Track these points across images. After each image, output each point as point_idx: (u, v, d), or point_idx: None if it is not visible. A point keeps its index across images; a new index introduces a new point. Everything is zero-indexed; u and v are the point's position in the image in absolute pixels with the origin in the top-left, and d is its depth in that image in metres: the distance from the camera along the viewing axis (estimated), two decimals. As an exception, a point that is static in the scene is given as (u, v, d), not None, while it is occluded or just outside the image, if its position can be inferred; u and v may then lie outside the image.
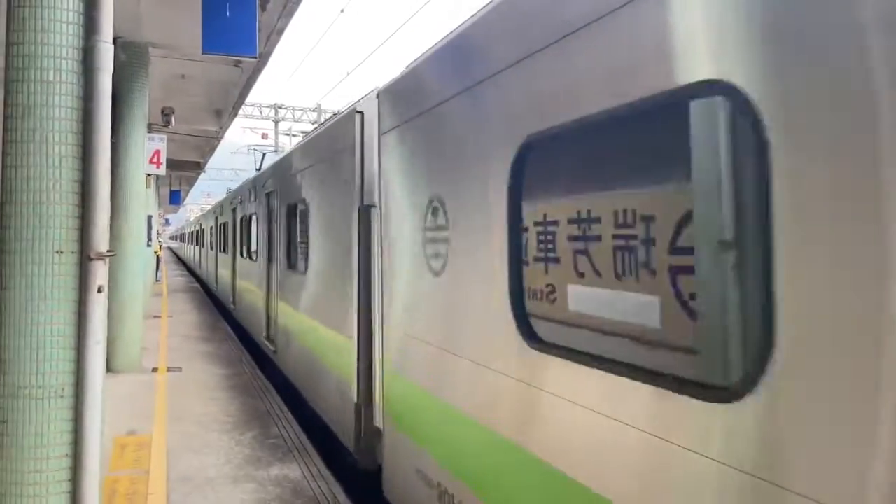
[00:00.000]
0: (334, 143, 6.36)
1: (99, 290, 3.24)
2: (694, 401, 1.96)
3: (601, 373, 2.40)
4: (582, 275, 2.64)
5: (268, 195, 10.31)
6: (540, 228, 2.89)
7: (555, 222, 2.80)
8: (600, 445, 2.41)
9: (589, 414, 2.47)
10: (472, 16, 3.56)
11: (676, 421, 2.03)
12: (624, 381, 2.27)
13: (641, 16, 2.20)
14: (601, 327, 2.53)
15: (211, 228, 22.93)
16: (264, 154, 24.81)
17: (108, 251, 3.26)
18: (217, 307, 19.29)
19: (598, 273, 2.55)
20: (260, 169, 15.06)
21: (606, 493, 2.37)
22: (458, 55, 3.70)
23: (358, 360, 5.43)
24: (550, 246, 2.83)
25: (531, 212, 2.93)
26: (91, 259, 3.20)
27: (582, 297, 2.65)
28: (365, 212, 5.38)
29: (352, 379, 5.52)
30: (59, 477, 3.15)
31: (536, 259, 2.92)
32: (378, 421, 4.97)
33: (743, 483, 1.80)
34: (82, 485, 3.17)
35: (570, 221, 2.69)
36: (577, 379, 2.54)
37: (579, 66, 2.53)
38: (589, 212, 2.59)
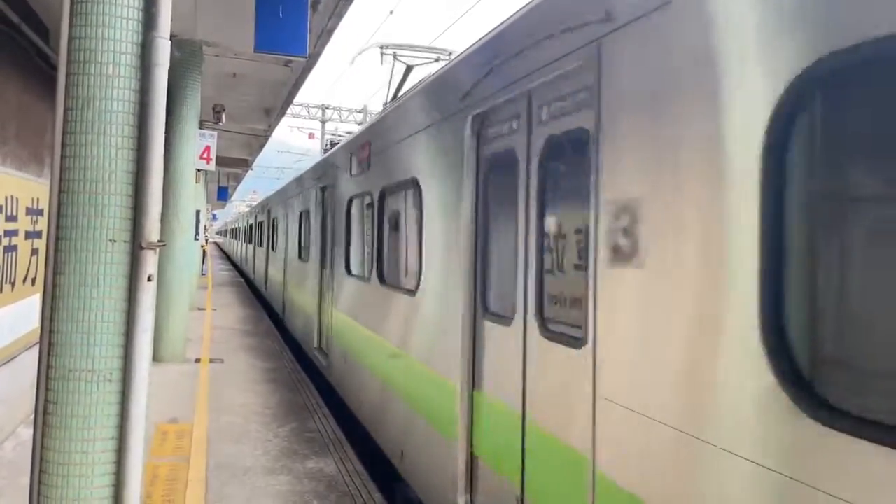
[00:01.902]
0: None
1: (149, 279, 3.31)
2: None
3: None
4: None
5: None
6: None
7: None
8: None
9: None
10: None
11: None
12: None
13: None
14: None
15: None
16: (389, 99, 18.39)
17: (158, 241, 3.34)
18: (257, 297, 19.58)
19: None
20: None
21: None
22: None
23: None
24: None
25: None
26: (142, 248, 3.28)
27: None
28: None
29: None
30: (105, 459, 3.22)
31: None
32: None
33: None
34: (126, 469, 3.24)
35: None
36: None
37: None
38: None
